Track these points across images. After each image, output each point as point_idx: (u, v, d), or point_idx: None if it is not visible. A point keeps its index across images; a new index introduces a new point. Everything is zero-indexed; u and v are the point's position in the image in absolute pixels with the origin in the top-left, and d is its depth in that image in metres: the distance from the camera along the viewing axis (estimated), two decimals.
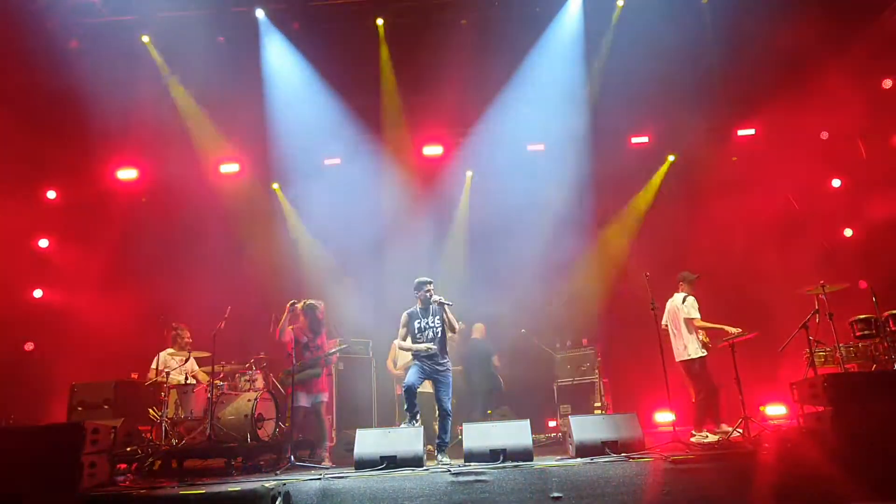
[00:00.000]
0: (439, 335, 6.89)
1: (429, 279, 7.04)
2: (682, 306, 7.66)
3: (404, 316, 6.97)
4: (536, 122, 11.28)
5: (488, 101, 11.08)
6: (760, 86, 10.73)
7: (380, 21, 10.40)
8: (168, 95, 10.59)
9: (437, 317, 6.92)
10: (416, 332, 6.92)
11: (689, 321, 7.57)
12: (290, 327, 7.64)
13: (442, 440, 6.77)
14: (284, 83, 10.88)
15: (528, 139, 11.69)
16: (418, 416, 6.84)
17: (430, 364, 6.87)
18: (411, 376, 6.77)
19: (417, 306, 6.99)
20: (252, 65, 10.63)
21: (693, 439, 7.16)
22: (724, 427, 7.16)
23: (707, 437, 7.16)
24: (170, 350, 8.28)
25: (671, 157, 11.54)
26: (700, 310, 7.58)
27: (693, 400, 7.52)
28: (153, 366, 8.09)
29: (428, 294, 6.93)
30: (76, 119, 10.69)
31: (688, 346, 7.55)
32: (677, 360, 7.64)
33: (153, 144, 11.21)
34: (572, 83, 10.72)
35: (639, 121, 11.39)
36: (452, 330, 6.95)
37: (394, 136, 11.63)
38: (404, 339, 6.98)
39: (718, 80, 10.62)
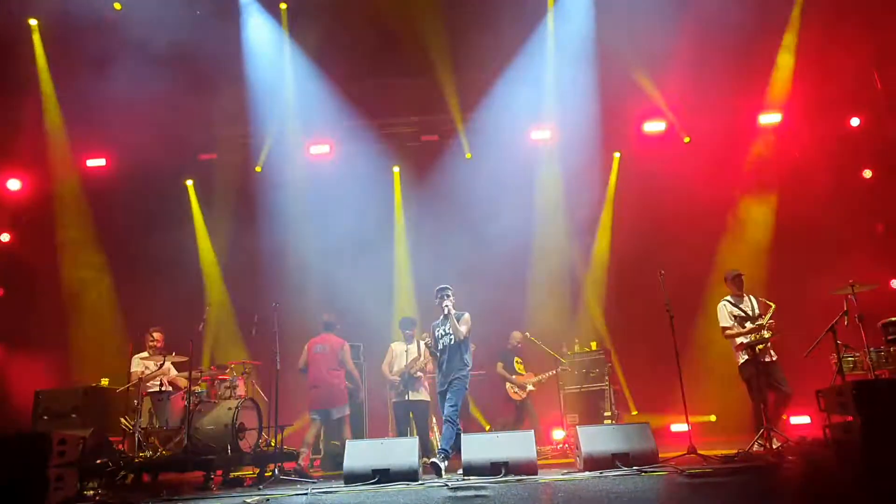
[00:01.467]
0: (452, 342, 7.13)
1: (443, 286, 7.30)
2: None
3: (430, 329, 7.40)
4: (542, 107, 11.28)
5: (489, 85, 11.09)
6: (784, 68, 10.75)
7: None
8: (142, 77, 10.55)
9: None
10: (436, 340, 7.29)
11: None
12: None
13: (442, 450, 6.82)
14: (267, 64, 10.87)
15: (533, 125, 11.70)
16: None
17: (442, 377, 7.14)
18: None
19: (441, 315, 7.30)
20: (233, 44, 10.61)
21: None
22: (757, 442, 7.07)
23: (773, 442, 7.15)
24: (143, 354, 8.28)
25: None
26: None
27: None
28: (133, 368, 8.08)
29: (438, 301, 7.22)
30: (40, 103, 10.68)
31: (735, 353, 7.62)
32: None
33: (124, 130, 11.18)
34: (581, 64, 10.71)
35: (653, 105, 11.40)
36: (458, 336, 7.13)
37: (386, 121, 11.65)
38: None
39: (741, 60, 10.60)
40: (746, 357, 7.44)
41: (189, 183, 11.98)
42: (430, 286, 9.20)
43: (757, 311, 7.62)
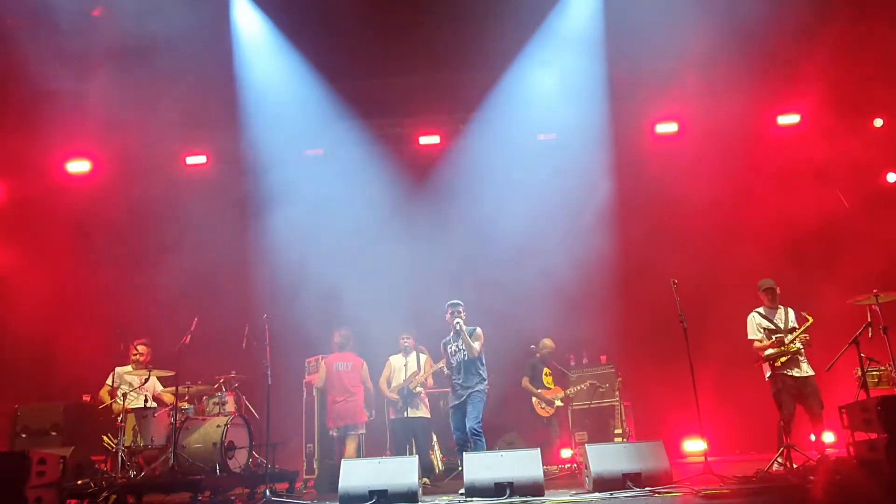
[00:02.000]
0: (466, 358, 7.36)
1: (454, 301, 7.56)
2: None
3: (441, 346, 7.68)
4: (548, 107, 11.29)
5: (493, 83, 11.10)
6: (807, 64, 10.73)
7: None
8: (125, 75, 10.57)
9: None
10: (449, 357, 7.52)
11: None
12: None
13: None
14: (259, 63, 10.89)
15: (539, 127, 11.71)
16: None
17: (460, 390, 7.32)
18: (456, 425, 7.35)
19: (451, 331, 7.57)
20: (223, 43, 10.64)
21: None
22: (777, 460, 7.13)
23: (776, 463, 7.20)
24: (128, 368, 8.26)
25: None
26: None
27: None
28: (108, 381, 8.06)
29: (450, 317, 7.46)
30: (19, 103, 10.69)
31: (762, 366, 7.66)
32: None
33: (109, 133, 11.20)
34: (589, 62, 10.72)
35: (666, 106, 11.41)
36: (472, 353, 7.37)
37: (384, 123, 11.65)
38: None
39: (760, 55, 10.60)
40: (770, 371, 7.46)
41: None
42: (431, 295, 9.18)
43: (792, 324, 7.61)
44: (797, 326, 7.56)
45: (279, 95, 10.93)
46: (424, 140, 11.75)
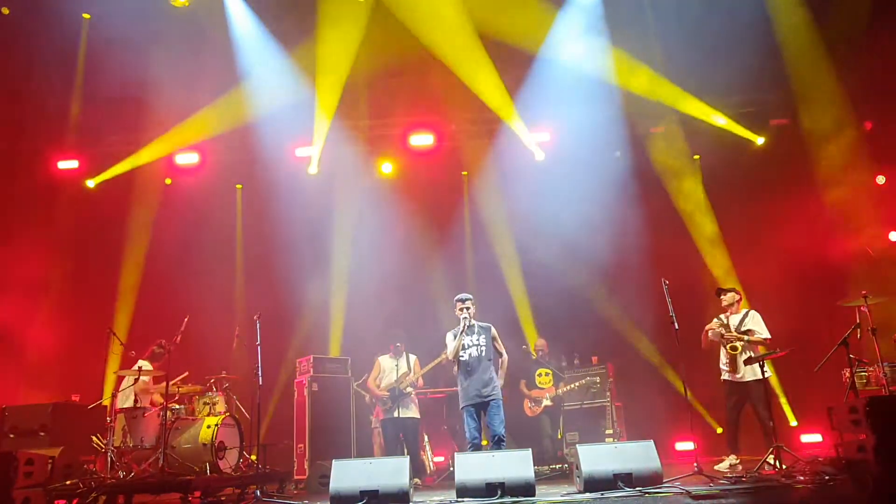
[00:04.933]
0: (483, 353, 6.95)
1: (460, 296, 7.11)
2: None
3: (448, 336, 7.16)
4: (541, 108, 11.32)
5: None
6: (796, 68, 10.82)
7: None
8: (117, 73, 10.53)
9: (483, 336, 7.02)
10: (461, 349, 7.04)
11: None
12: None
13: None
14: (250, 62, 10.88)
15: (533, 127, 11.74)
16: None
17: (475, 391, 6.89)
18: (470, 430, 6.88)
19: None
20: (215, 40, 10.62)
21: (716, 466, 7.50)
22: (730, 460, 7.31)
23: (723, 463, 7.49)
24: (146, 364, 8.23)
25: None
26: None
27: None
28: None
29: (459, 313, 7.02)
30: (10, 100, 10.65)
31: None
32: None
33: (99, 130, 11.16)
34: (589, 62, 10.77)
35: (656, 106, 11.47)
36: (500, 355, 7.12)
37: (379, 122, 11.65)
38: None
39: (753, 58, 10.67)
40: (725, 376, 7.70)
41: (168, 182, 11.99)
42: (424, 296, 9.14)
43: (746, 328, 7.74)
44: (753, 330, 7.70)
45: (273, 95, 10.91)
46: (417, 140, 11.72)
